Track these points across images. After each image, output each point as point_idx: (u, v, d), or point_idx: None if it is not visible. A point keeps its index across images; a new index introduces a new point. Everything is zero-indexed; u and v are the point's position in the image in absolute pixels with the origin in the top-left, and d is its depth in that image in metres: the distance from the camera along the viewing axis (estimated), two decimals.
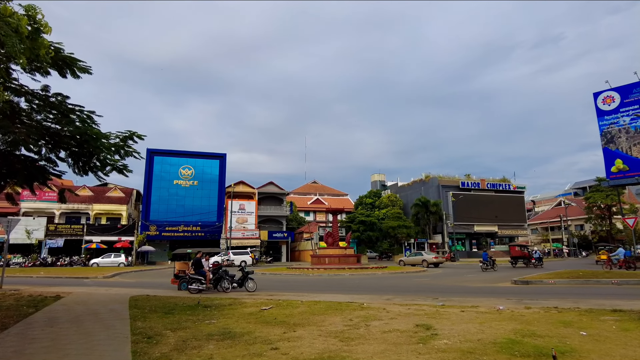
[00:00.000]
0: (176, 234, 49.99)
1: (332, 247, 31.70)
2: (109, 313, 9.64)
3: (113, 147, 9.67)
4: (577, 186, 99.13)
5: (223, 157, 55.67)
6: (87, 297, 13.62)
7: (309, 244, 58.12)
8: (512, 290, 15.60)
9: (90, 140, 8.72)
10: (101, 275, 26.44)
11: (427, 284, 19.59)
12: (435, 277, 23.62)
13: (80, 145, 9.22)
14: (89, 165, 9.95)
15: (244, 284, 16.11)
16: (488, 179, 70.80)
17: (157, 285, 20.32)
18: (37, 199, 46.93)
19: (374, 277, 24.67)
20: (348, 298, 12.92)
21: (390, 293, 14.86)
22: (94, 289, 16.89)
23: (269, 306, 10.34)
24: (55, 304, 11.54)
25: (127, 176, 10.92)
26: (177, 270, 17.17)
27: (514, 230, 69.74)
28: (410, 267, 31.19)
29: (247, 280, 16.15)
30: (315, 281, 21.96)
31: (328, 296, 13.56)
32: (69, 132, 9.33)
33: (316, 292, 15.48)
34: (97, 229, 45.34)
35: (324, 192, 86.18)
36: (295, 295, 13.70)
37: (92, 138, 8.74)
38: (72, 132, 8.90)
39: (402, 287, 18.06)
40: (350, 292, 15.67)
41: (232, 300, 12.08)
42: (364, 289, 17.41)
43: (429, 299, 12.65)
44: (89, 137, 8.70)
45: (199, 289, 15.09)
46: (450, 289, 16.54)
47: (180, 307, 10.51)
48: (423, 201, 60.68)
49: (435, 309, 9.74)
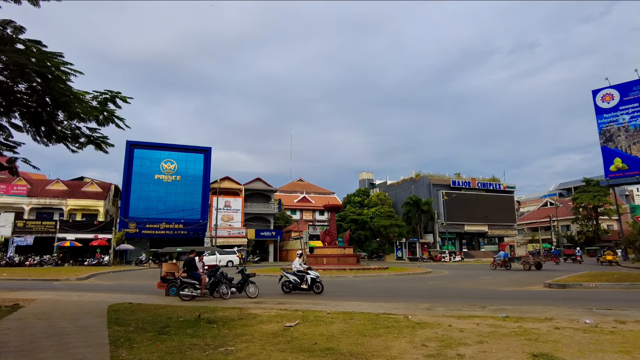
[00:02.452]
0: (157, 232, 46.82)
1: (330, 246, 29.41)
2: (80, 334, 7.09)
3: (89, 109, 7.13)
4: (562, 187, 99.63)
5: (208, 152, 52.67)
6: (54, 306, 10.95)
7: (297, 243, 55.67)
8: (554, 295, 13.63)
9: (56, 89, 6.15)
10: (74, 276, 23.46)
11: (445, 287, 17.50)
12: (448, 279, 21.58)
13: (43, 105, 6.65)
14: (55, 131, 7.37)
15: (244, 289, 13.70)
16: (478, 178, 69.80)
17: (140, 289, 17.64)
18: (5, 193, 43.22)
19: (381, 279, 22.50)
20: (377, 307, 10.66)
21: (419, 299, 12.67)
22: (64, 295, 14.15)
23: (294, 322, 7.96)
24: (7, 318, 8.88)
25: (106, 152, 8.37)
26: (165, 272, 14.56)
27: (504, 230, 68.93)
28: (414, 269, 29.14)
29: (247, 284, 13.75)
30: None
31: (351, 304, 11.26)
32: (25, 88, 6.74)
33: (332, 298, 13.16)
34: (71, 225, 41.82)
35: (310, 191, 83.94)
36: (311, 304, 11.36)
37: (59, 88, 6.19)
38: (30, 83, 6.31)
39: (423, 291, 15.92)
40: (371, 298, 13.42)
41: (239, 312, 9.64)
42: (382, 293, 15.20)
43: (476, 307, 10.49)
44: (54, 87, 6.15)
45: (193, 295, 12.58)
46: (481, 294, 14.47)
47: (177, 323, 8.03)
48: (414, 200, 59.02)
49: (518, 324, 7.53)
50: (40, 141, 7.48)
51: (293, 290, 14.86)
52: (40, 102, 6.72)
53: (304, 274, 14.97)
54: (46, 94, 6.41)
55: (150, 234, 46.62)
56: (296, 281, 14.82)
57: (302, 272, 15.07)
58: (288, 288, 14.98)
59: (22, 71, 5.83)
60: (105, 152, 8.39)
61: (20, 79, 6.05)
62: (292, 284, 14.86)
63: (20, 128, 7.74)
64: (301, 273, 15.05)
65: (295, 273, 15.11)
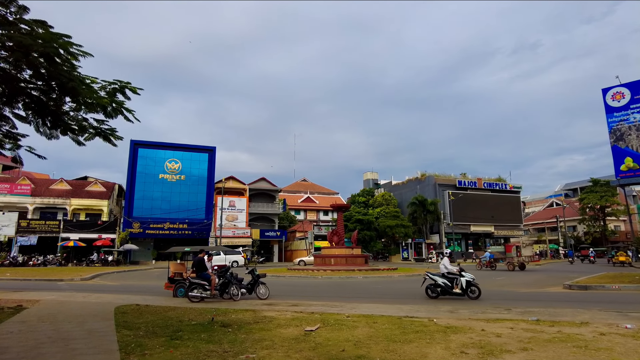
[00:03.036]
0: (161, 232, 46.40)
1: (338, 246, 28.86)
2: (87, 339, 6.62)
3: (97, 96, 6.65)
4: (568, 187, 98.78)
5: (212, 151, 52.25)
6: (58, 307, 10.50)
7: (302, 243, 55.21)
8: (578, 298, 13.07)
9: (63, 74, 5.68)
10: (78, 276, 23.04)
11: None
12: None
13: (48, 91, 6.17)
14: (62, 122, 6.90)
15: (255, 290, 13.24)
16: (484, 178, 69.12)
17: (146, 289, 17.18)
18: (8, 192, 42.91)
19: (392, 280, 21.98)
20: (396, 309, 10.16)
21: (441, 302, 12.15)
22: (69, 295, 13.71)
23: (314, 326, 7.47)
24: (10, 320, 8.43)
25: (115, 144, 7.90)
26: (172, 272, 14.11)
27: (510, 230, 68.16)
28: (424, 270, 28.47)
29: (257, 285, 13.29)
30: (329, 285, 19.14)
31: (369, 307, 10.76)
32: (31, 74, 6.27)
33: (346, 300, 12.67)
34: (75, 225, 41.45)
35: (314, 191, 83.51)
36: (327, 306, 10.86)
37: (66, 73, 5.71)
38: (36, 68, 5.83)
39: None
40: (387, 300, 12.92)
41: (253, 315, 9.15)
42: (397, 295, 14.68)
43: (500, 309, 9.98)
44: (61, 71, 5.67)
45: (202, 297, 12.09)
46: (500, 296, 13.91)
47: (189, 327, 7.55)
48: (420, 200, 58.38)
49: (555, 328, 6.98)
50: (45, 133, 7.01)
51: (442, 295, 13.09)
52: (46, 88, 6.25)
53: (455, 277, 13.01)
54: (52, 78, 5.94)
55: (155, 233, 46.21)
56: (446, 284, 12.96)
57: (453, 275, 13.11)
58: (435, 292, 13.19)
59: (26, 53, 5.36)
60: (114, 145, 7.93)
61: (24, 61, 5.57)
62: (442, 288, 13.06)
63: (25, 118, 7.29)
64: (452, 275, 13.11)
65: (444, 275, 13.27)
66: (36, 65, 5.67)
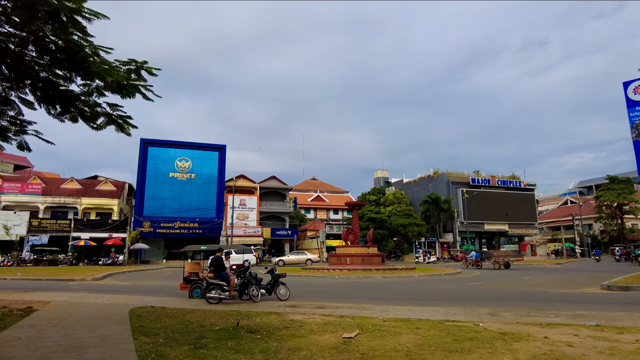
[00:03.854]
0: (172, 231, 45.96)
1: (353, 245, 28.07)
2: (101, 347, 5.92)
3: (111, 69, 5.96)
4: (583, 185, 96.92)
5: (222, 149, 51.70)
6: (70, 310, 9.86)
7: (313, 242, 54.47)
8: (623, 299, 12.14)
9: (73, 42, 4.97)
10: (90, 276, 22.54)
11: (489, 289, 16.08)
12: (485, 280, 20.11)
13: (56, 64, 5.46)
14: (72, 106, 6.22)
15: (275, 290, 12.52)
16: (498, 176, 67.82)
17: (159, 290, 16.57)
18: (20, 192, 42.76)
19: (412, 280, 21.15)
20: (431, 312, 9.37)
21: (472, 303, 11.32)
22: (81, 296, 13.10)
23: (352, 332, 6.70)
24: (19, 324, 7.78)
25: (129, 134, 7.21)
26: (188, 272, 13.43)
27: (524, 229, 66.83)
28: (443, 269, 27.67)
29: (277, 286, 12.57)
30: (349, 285, 18.38)
31: (400, 309, 9.98)
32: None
33: (373, 301, 11.89)
34: (85, 224, 41.16)
35: (324, 189, 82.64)
36: (355, 308, 10.10)
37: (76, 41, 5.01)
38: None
39: (468, 293, 14.55)
40: (417, 301, 12.10)
41: (278, 318, 8.41)
42: (424, 296, 13.86)
43: (546, 312, 9.14)
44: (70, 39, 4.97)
45: (220, 298, 11.39)
46: (535, 296, 13.06)
47: (213, 333, 6.82)
48: (433, 198, 57.33)
49: (633, 336, 6.15)
50: (56, 117, 6.34)
51: None
52: (54, 63, 5.55)
53: None
54: (60, 50, 5.24)
55: (165, 232, 45.80)
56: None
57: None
58: None
59: (31, 11, 4.64)
60: (128, 134, 7.23)
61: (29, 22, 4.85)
62: None
63: (31, 104, 6.62)
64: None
65: None
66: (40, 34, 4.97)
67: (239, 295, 11.72)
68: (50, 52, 5.29)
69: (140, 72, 6.75)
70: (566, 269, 28.21)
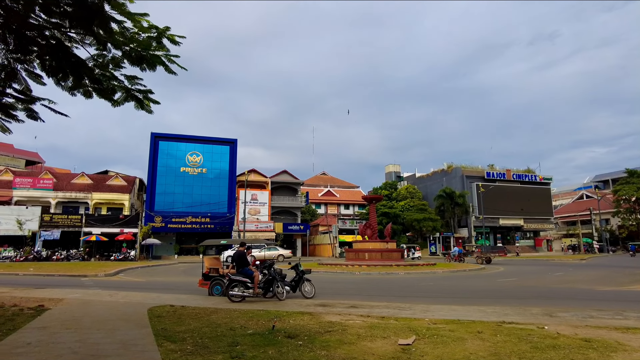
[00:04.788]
0: (183, 226, 45.41)
1: (371, 240, 27.15)
2: (122, 356, 5.10)
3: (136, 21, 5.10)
4: (598, 179, 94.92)
5: (234, 143, 50.97)
6: (84, 309, 9.11)
7: (326, 237, 53.66)
8: None
9: None
10: (102, 272, 21.93)
11: (522, 286, 15.10)
12: (515, 276, 19.10)
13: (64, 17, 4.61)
14: (85, 76, 5.38)
15: (299, 287, 11.69)
16: (513, 170, 66.35)
17: (175, 287, 15.84)
18: (31, 187, 42.48)
19: (437, 276, 20.20)
20: (479, 312, 8.45)
21: (515, 301, 10.37)
22: (94, 294, 12.38)
23: (408, 338, 5.81)
24: (29, 326, 7.02)
25: (150, 111, 6.37)
26: (207, 268, 12.64)
27: (540, 224, 65.38)
28: (465, 265, 26.61)
29: (302, 282, 11.73)
30: (372, 282, 17.50)
31: (442, 308, 9.08)
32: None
33: (407, 300, 10.98)
34: (97, 219, 40.72)
35: (334, 184, 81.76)
36: (392, 308, 9.22)
37: None
38: None
39: (504, 291, 13.58)
40: (455, 300, 11.17)
41: (313, 320, 7.55)
42: (459, 294, 12.94)
43: (610, 313, 8.18)
44: None
45: (244, 296, 10.58)
46: (580, 294, 12.06)
47: (246, 338, 5.97)
48: (448, 192, 56.15)
49: None
50: (67, 90, 5.52)
51: None
52: (63, 17, 4.70)
53: None
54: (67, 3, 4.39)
55: (177, 228, 45.26)
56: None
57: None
58: None
59: None
60: (149, 111, 6.39)
61: None
62: None
63: (40, 77, 5.80)
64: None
65: None
66: None
67: (263, 293, 10.89)
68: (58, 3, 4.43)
69: (161, 40, 5.89)
70: (594, 265, 27.03)
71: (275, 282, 10.91)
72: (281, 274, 11.29)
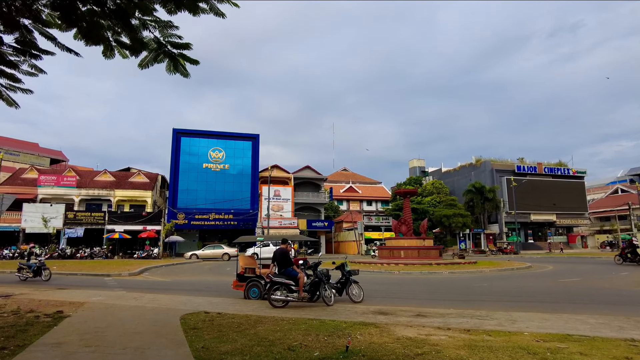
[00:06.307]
0: (207, 223, 44.59)
1: (406, 237, 25.51)
2: None
3: None
4: (634, 172, 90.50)
5: (256, 139, 49.85)
6: (106, 317, 7.87)
7: (351, 234, 52.17)
8: None
9: None
10: (126, 271, 20.97)
11: (591, 287, 13.30)
12: (575, 276, 17.24)
13: None
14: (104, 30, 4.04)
15: (346, 290, 10.27)
16: (544, 163, 63.44)
17: (204, 287, 14.63)
18: (55, 184, 42.28)
19: (485, 276, 18.47)
20: (578, 323, 6.83)
21: (609, 308, 8.69)
22: (118, 296, 11.21)
23: None
24: (43, 340, 5.77)
25: (186, 73, 5.01)
26: (242, 268, 11.31)
27: (574, 219, 62.38)
28: (511, 263, 24.62)
29: (349, 285, 10.31)
30: (417, 282, 15.94)
31: (530, 317, 7.48)
32: None
33: (471, 305, 9.38)
34: (119, 217, 40.17)
35: (356, 180, 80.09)
36: (466, 316, 7.67)
37: None
38: None
39: (576, 294, 11.81)
40: (526, 305, 9.52)
41: (385, 335, 6.08)
42: (526, 297, 11.24)
43: None
44: None
45: (287, 300, 9.20)
46: None
47: None
48: (477, 187, 53.85)
49: None
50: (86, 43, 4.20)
51: None
52: None
53: None
54: None
55: (200, 224, 44.49)
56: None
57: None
58: None
59: None
60: (185, 74, 5.04)
61: None
62: None
63: (49, 24, 4.48)
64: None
65: None
66: None
67: (310, 298, 9.48)
68: None
69: None
70: None
71: (322, 284, 9.50)
72: (327, 275, 9.88)
